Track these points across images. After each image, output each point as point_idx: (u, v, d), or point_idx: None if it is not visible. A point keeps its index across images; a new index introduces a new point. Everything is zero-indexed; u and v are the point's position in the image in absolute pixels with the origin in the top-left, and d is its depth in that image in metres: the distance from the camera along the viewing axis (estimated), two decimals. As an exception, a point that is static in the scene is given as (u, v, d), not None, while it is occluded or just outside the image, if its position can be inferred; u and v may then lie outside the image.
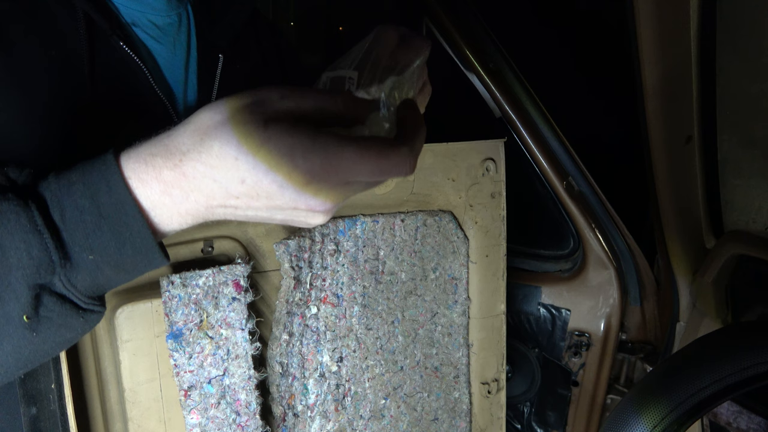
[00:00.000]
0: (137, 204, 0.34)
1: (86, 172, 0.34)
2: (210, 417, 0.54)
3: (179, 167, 0.34)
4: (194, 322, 0.52)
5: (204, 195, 0.34)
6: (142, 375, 0.53)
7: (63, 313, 0.34)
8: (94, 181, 0.34)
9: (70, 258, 0.33)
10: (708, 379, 0.66)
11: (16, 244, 0.32)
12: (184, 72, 0.63)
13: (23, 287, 0.32)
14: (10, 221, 0.32)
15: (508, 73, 1.13)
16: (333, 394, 0.64)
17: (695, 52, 0.77)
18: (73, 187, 0.34)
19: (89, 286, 0.35)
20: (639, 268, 1.16)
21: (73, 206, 0.33)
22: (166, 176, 0.34)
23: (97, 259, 0.34)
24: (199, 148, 0.33)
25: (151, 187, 0.34)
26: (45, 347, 0.35)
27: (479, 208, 0.72)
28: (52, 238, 0.32)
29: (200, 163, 0.33)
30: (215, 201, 0.35)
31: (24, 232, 0.32)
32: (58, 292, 0.34)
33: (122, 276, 0.37)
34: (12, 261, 0.32)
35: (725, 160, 0.90)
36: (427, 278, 0.70)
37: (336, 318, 0.63)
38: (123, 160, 0.35)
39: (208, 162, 0.33)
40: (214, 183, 0.34)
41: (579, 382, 1.23)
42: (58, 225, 0.33)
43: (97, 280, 0.35)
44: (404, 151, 0.35)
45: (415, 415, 0.72)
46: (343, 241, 0.63)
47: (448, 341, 0.73)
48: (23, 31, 0.50)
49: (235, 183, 0.33)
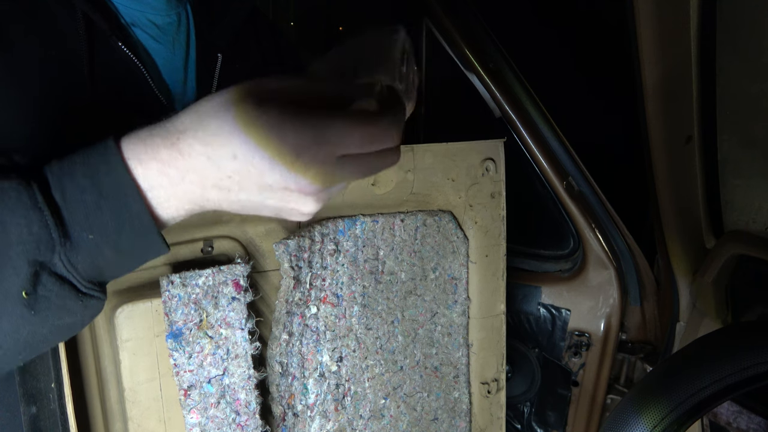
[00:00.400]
0: (135, 184, 0.35)
1: (87, 154, 0.35)
2: (210, 416, 0.54)
3: (176, 145, 0.35)
4: (194, 321, 0.52)
5: (198, 174, 0.35)
6: (142, 374, 0.53)
7: (62, 294, 0.35)
8: (94, 162, 0.35)
9: (70, 237, 0.34)
10: (708, 379, 0.66)
11: (17, 219, 0.32)
12: (183, 72, 0.63)
13: (23, 262, 0.33)
14: (11, 198, 0.32)
15: (508, 73, 1.13)
16: (333, 393, 0.64)
17: (695, 52, 0.77)
18: (74, 167, 0.35)
19: (89, 269, 0.36)
20: (639, 268, 1.16)
21: (74, 186, 0.34)
22: (163, 155, 0.35)
23: (97, 239, 0.35)
24: (197, 126, 0.35)
25: (148, 167, 0.35)
26: (44, 330, 0.36)
27: (479, 208, 0.72)
28: (53, 216, 0.33)
29: (196, 140, 0.35)
30: (209, 180, 0.36)
31: (25, 208, 0.33)
32: (58, 272, 0.34)
33: (122, 260, 0.37)
34: (12, 237, 0.32)
35: (725, 160, 0.90)
36: (426, 278, 0.70)
37: (336, 318, 0.63)
38: (123, 142, 0.36)
39: (203, 139, 0.34)
40: (208, 161, 0.35)
41: (579, 382, 1.23)
42: (58, 204, 0.34)
43: (96, 261, 0.36)
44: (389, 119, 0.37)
45: (414, 415, 0.72)
46: (343, 241, 0.63)
47: (447, 341, 0.73)
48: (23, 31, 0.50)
49: (228, 159, 0.34)
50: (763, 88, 0.78)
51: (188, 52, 0.64)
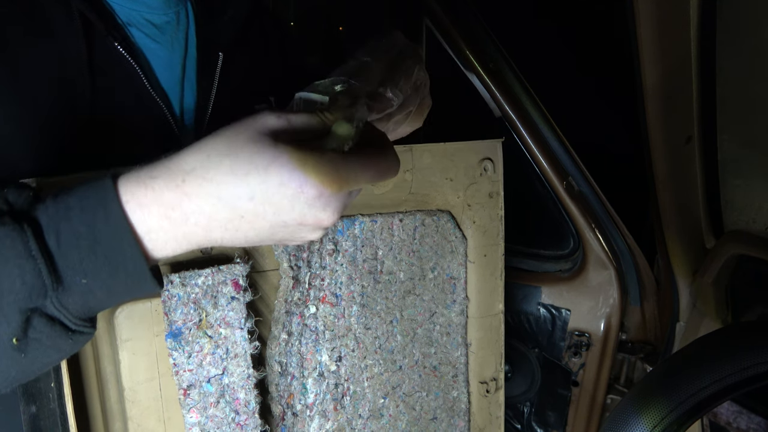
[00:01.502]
0: (132, 230, 0.34)
1: (83, 196, 0.34)
2: (209, 416, 0.54)
3: (181, 187, 0.34)
4: (193, 321, 0.52)
5: (206, 216, 0.34)
6: (142, 374, 0.53)
7: (52, 334, 0.34)
8: (90, 206, 0.33)
9: (63, 281, 0.33)
10: (708, 379, 0.66)
11: (10, 269, 0.32)
12: (181, 71, 0.63)
13: (14, 312, 0.32)
14: (5, 246, 0.32)
15: (508, 73, 1.13)
16: (332, 393, 0.64)
17: (695, 52, 0.77)
18: (70, 212, 0.34)
19: (80, 308, 0.35)
20: (639, 268, 1.16)
21: (69, 231, 0.33)
22: (166, 198, 0.34)
23: (90, 282, 0.34)
24: (206, 164, 0.34)
25: (149, 211, 0.34)
26: (33, 368, 0.35)
27: (477, 207, 0.72)
28: (46, 263, 0.32)
29: (206, 180, 0.34)
30: (217, 222, 0.35)
31: (18, 257, 0.32)
32: (49, 313, 0.34)
33: (114, 299, 0.37)
34: (4, 287, 0.32)
35: (725, 160, 0.90)
36: (425, 278, 0.70)
37: (335, 317, 0.63)
38: (122, 183, 0.34)
39: (215, 179, 0.33)
40: (219, 201, 0.34)
41: (579, 382, 1.23)
42: (52, 250, 0.33)
43: (88, 302, 0.35)
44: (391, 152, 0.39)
45: (413, 415, 0.72)
46: (342, 241, 0.63)
47: (446, 340, 0.73)
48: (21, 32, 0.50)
49: (243, 200, 0.34)
50: (763, 88, 0.78)
51: (187, 51, 0.64)
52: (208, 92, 0.64)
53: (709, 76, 0.81)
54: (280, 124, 0.36)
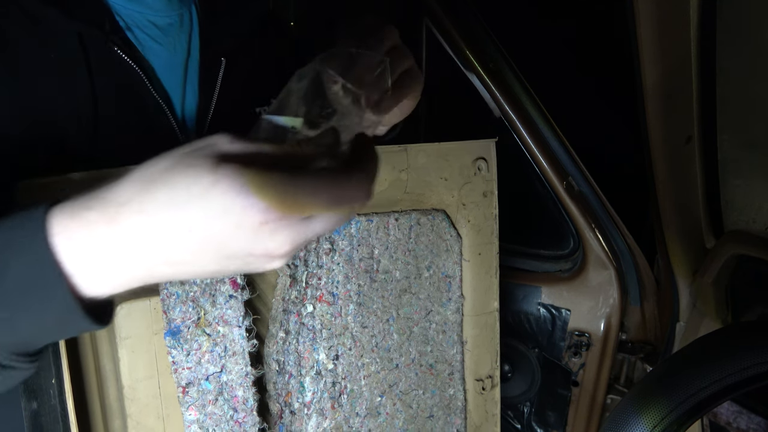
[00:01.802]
0: (59, 267, 0.31)
1: (12, 226, 0.32)
2: (208, 413, 0.55)
3: (115, 220, 0.31)
4: (192, 319, 0.53)
5: (144, 252, 0.31)
6: (141, 372, 0.54)
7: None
8: (16, 239, 0.31)
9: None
10: (708, 379, 0.66)
11: None
12: (183, 73, 0.64)
13: None
14: None
15: (508, 73, 1.13)
16: (329, 391, 0.65)
17: (695, 52, 0.77)
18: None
19: (10, 344, 0.34)
20: (639, 268, 1.16)
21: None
22: (99, 232, 0.31)
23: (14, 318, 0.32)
24: (140, 197, 0.31)
25: (80, 246, 0.31)
26: None
27: (472, 206, 0.72)
28: None
29: (140, 213, 0.30)
30: (157, 258, 0.32)
31: None
32: None
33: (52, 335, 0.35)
34: None
35: (725, 160, 0.89)
36: (421, 276, 0.70)
37: (332, 316, 0.64)
38: (56, 214, 0.32)
39: (149, 211, 0.30)
40: (156, 237, 0.31)
41: (579, 382, 1.23)
42: None
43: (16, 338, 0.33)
44: (360, 176, 0.33)
45: (410, 413, 0.72)
46: (338, 240, 0.64)
47: (442, 338, 0.73)
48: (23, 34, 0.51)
49: (182, 233, 0.30)
50: (764, 88, 0.77)
51: (189, 54, 0.64)
52: (210, 95, 0.64)
53: (709, 76, 0.81)
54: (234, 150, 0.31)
